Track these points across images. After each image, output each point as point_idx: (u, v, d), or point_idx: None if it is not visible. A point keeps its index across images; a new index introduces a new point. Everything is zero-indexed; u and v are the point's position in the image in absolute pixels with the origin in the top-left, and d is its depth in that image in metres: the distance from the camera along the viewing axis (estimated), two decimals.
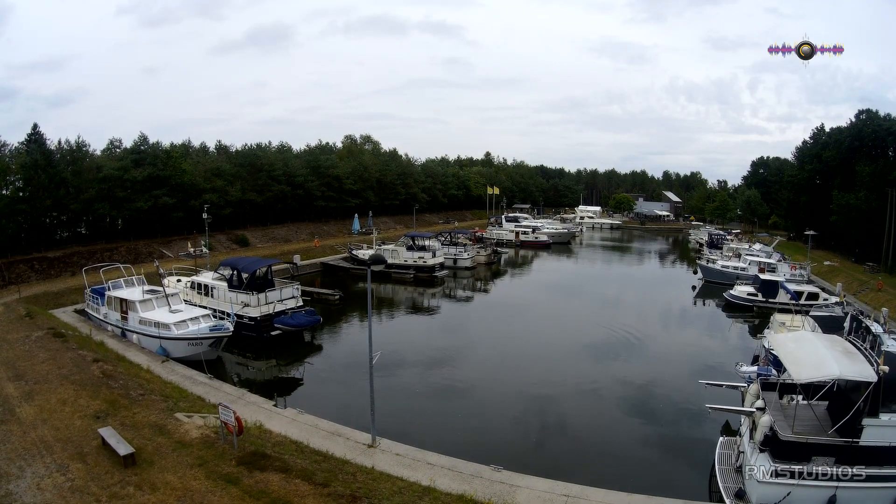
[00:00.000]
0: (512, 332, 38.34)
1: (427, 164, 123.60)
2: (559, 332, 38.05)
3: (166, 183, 56.51)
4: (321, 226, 78.19)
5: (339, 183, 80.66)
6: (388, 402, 24.15)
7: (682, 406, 24.54)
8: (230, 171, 65.77)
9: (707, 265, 57.11)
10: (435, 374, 29.89)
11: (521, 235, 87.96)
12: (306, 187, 74.47)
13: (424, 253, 56.42)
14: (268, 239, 66.82)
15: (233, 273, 34.90)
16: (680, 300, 51.19)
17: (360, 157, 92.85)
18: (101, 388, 20.26)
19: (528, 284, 58.66)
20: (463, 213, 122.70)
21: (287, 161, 75.17)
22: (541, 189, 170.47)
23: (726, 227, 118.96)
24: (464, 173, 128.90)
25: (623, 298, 51.17)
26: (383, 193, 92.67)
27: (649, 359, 31.98)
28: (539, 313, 44.23)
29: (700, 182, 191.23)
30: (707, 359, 31.91)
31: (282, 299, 34.15)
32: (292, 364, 30.70)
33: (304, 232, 73.21)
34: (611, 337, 36.29)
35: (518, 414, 24.15)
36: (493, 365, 31.59)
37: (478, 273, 61.70)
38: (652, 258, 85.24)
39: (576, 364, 31.25)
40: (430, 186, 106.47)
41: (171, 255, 53.68)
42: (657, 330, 38.92)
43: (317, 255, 62.25)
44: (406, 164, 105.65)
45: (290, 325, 32.77)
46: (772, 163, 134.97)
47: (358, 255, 59.48)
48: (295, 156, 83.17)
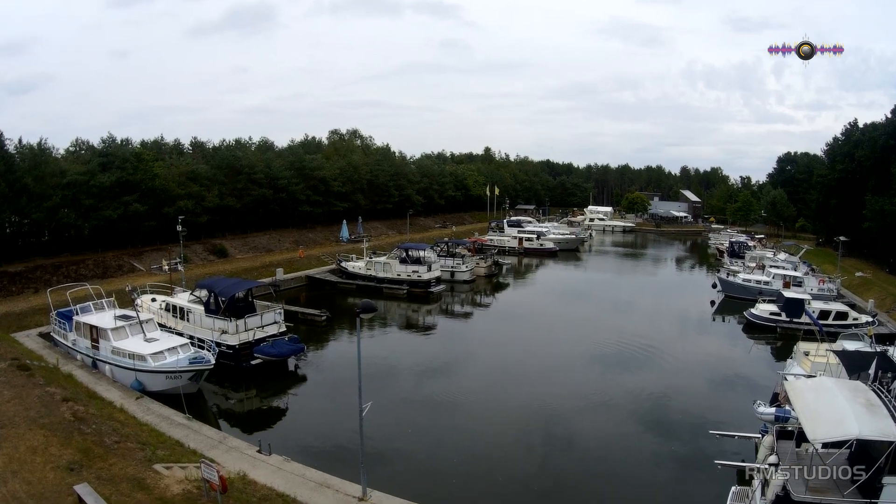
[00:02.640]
0: (514, 349, 39.21)
1: (422, 161, 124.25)
2: (565, 350, 38.77)
3: (137, 188, 57.01)
4: (306, 233, 78.77)
5: (326, 185, 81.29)
6: (381, 434, 24.76)
7: (694, 442, 25.22)
8: (207, 175, 66.27)
9: (727, 278, 57.82)
10: (430, 394, 30.70)
11: (525, 242, 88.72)
12: (290, 191, 75.05)
13: (419, 266, 57.09)
14: (248, 249, 67.41)
15: (210, 296, 35.41)
16: (697, 316, 52.03)
17: (349, 157, 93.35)
18: (73, 434, 20.83)
19: (532, 298, 59.43)
20: (461, 215, 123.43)
21: (269, 162, 75.71)
22: (547, 187, 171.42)
23: (749, 229, 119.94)
24: (462, 171, 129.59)
25: (635, 313, 51.93)
26: (375, 196, 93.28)
27: (661, 384, 32.66)
28: (543, 330, 44.97)
29: (721, 179, 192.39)
30: (723, 390, 32.58)
31: (262, 325, 34.71)
32: (275, 396, 31.27)
33: (287, 240, 73.82)
34: (621, 357, 37.05)
35: (521, 432, 24.97)
36: (495, 382, 32.48)
37: (477, 286, 62.39)
38: (668, 266, 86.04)
39: (583, 382, 31.97)
40: (425, 187, 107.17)
41: (142, 268, 54.21)
42: (671, 350, 39.67)
43: (301, 266, 62.84)
44: (399, 164, 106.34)
45: (272, 354, 33.33)
46: (800, 159, 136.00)
47: (348, 268, 60.10)
48: (277, 154, 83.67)
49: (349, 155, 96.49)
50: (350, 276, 59.68)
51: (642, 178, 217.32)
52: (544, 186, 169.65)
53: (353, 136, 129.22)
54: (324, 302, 51.23)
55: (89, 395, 26.24)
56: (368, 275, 58.41)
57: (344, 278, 59.79)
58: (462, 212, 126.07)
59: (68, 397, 24.49)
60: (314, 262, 65.33)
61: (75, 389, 26.44)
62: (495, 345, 41.12)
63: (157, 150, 74.55)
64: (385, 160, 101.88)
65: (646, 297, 60.25)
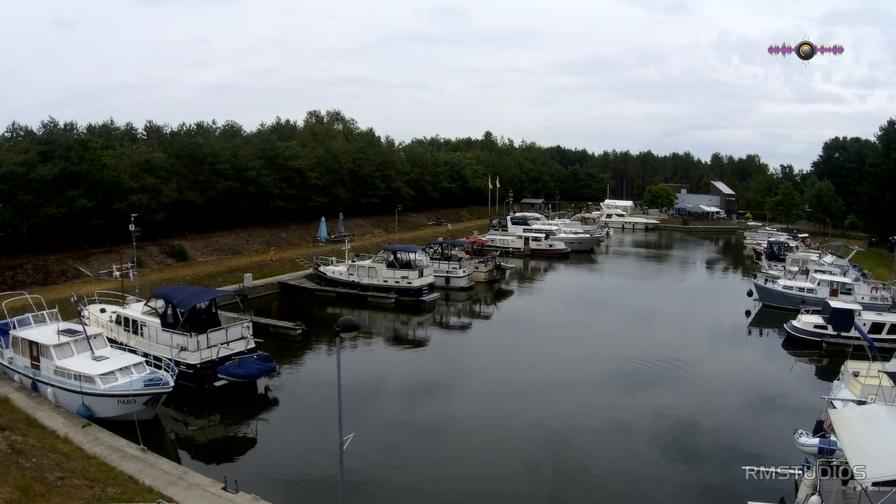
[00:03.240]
0: (519, 366, 39.46)
1: (412, 148, 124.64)
2: (577, 367, 38.95)
3: (83, 181, 57.00)
4: (279, 232, 78.90)
5: (302, 177, 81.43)
6: (365, 467, 24.89)
7: (725, 476, 25.37)
8: (164, 165, 66.30)
9: (765, 285, 58.13)
10: (422, 419, 30.88)
11: (532, 242, 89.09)
12: (260, 183, 75.20)
13: (409, 271, 57.24)
14: (211, 250, 67.51)
15: (167, 307, 35.44)
16: (730, 328, 52.33)
17: (329, 143, 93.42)
18: (11, 469, 20.91)
19: (539, 307, 59.77)
20: (458, 211, 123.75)
21: (235, 149, 75.82)
22: (557, 178, 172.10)
23: (791, 226, 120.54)
24: (458, 160, 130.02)
25: (659, 325, 52.23)
26: (358, 189, 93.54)
27: (687, 407, 32.88)
28: (552, 344, 45.20)
29: (758, 168, 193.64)
30: (759, 416, 32.77)
31: (228, 341, 34.76)
32: (243, 424, 31.37)
33: (257, 240, 73.92)
34: (641, 375, 37.24)
35: (526, 462, 25.17)
36: (496, 404, 32.77)
37: (477, 294, 62.60)
38: (696, 270, 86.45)
39: (597, 404, 32.15)
40: (416, 178, 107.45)
41: (90, 274, 54.21)
42: (700, 367, 39.92)
43: (273, 271, 62.98)
44: (386, 151, 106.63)
45: (238, 375, 33.41)
46: (850, 145, 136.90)
47: (327, 273, 60.23)
48: (245, 141, 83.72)
49: (329, 141, 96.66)
50: (329, 282, 59.73)
51: (667, 168, 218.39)
52: (554, 177, 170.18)
53: (333, 119, 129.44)
54: (299, 313, 51.30)
55: (28, 422, 26.28)
56: (351, 281, 58.52)
57: (322, 285, 59.78)
58: (459, 207, 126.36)
59: (4, 426, 24.54)
60: (288, 267, 65.44)
61: (12, 416, 26.48)
62: (497, 361, 41.27)
63: (107, 137, 74.50)
64: (370, 147, 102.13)
65: (671, 306, 60.57)
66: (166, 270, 58.82)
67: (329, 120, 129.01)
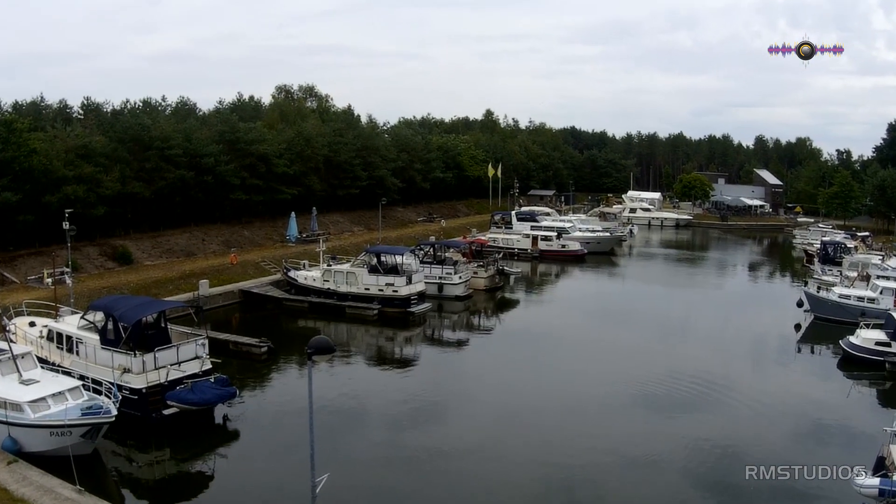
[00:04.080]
0: (525, 389, 39.63)
1: (399, 130, 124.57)
2: (594, 390, 39.06)
3: (7, 170, 56.82)
4: (241, 230, 78.94)
5: (268, 165, 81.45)
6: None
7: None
8: (104, 150, 66.19)
9: (817, 294, 58.29)
10: (411, 452, 31.04)
11: (542, 242, 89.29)
12: (218, 172, 75.15)
13: (395, 277, 57.23)
14: (161, 252, 67.52)
15: (108, 320, 35.40)
16: (776, 344, 52.60)
17: (300, 125, 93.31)
18: None
19: (550, 319, 59.98)
20: (454, 205, 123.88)
21: (189, 132, 75.84)
22: (571, 165, 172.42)
23: (849, 223, 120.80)
24: (454, 144, 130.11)
25: (692, 340, 52.55)
26: (335, 179, 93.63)
27: (725, 436, 32.94)
28: (565, 362, 45.37)
29: (810, 153, 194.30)
30: (810, 449, 32.86)
31: (179, 361, 34.72)
32: (196, 459, 31.44)
33: (214, 240, 73.96)
34: (671, 399, 37.45)
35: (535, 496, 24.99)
36: (498, 433, 32.96)
37: (475, 304, 62.78)
38: (737, 275, 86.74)
39: (618, 433, 32.23)
40: (404, 166, 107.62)
41: (16, 280, 54.14)
42: (740, 390, 40.11)
43: (234, 277, 62.99)
44: (369, 134, 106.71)
45: (192, 402, 33.31)
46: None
47: (297, 280, 60.28)
48: (201, 122, 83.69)
49: (300, 122, 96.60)
50: (301, 290, 59.76)
51: (702, 153, 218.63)
52: (567, 164, 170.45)
53: (305, 95, 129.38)
54: (265, 327, 51.29)
55: None
56: (326, 289, 58.57)
57: (293, 293, 59.86)
58: (454, 200, 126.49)
59: None
60: (252, 272, 65.45)
61: None
62: (499, 384, 41.35)
63: (35, 116, 74.32)
64: (349, 129, 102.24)
65: (706, 318, 60.88)
66: (107, 276, 58.72)
67: (301, 96, 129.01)
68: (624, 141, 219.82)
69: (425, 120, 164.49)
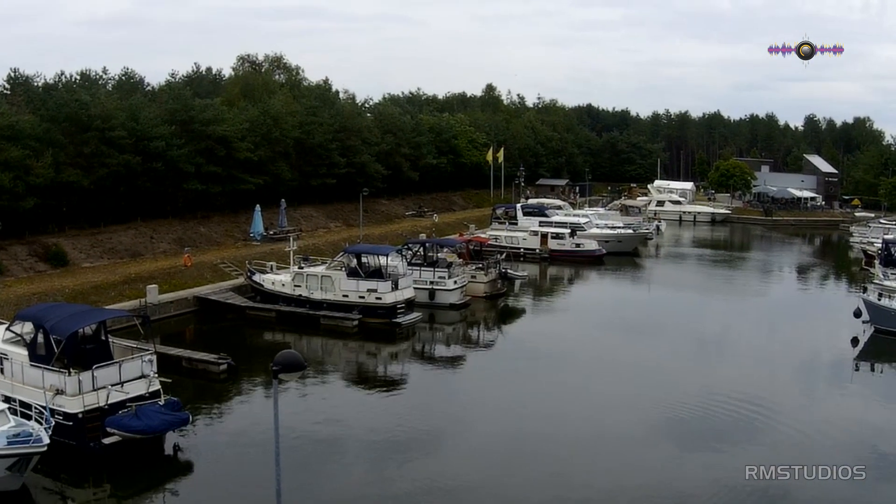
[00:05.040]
0: (532, 414, 39.32)
1: (384, 108, 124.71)
2: (615, 416, 38.83)
3: None
4: (196, 226, 78.86)
5: (229, 149, 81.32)
6: None
7: None
8: (34, 132, 65.94)
9: (879, 302, 58.24)
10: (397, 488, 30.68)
11: (552, 241, 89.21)
12: (170, 158, 75.09)
13: (379, 282, 57.10)
14: (102, 252, 67.39)
15: (37, 333, 35.19)
16: (830, 360, 52.43)
17: (266, 102, 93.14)
18: None
19: (561, 332, 59.86)
20: (448, 196, 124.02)
21: (135, 111, 75.65)
22: (588, 149, 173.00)
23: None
24: (448, 124, 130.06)
25: (731, 356, 52.38)
26: (307, 166, 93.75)
27: (772, 470, 32.63)
28: (580, 383, 45.19)
29: (870, 136, 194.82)
30: (873, 484, 32.63)
31: (122, 381, 34.39)
32: (142, 496, 31.14)
33: (165, 238, 73.82)
34: (707, 426, 37.27)
35: None
36: (501, 466, 32.61)
37: (473, 314, 62.80)
38: (783, 279, 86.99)
39: (644, 467, 32.16)
40: (389, 150, 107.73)
41: None
42: (790, 415, 39.89)
43: (188, 281, 62.83)
44: (348, 113, 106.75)
45: (137, 429, 32.92)
46: None
47: (263, 285, 60.16)
48: (150, 99, 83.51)
49: (266, 99, 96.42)
50: (267, 296, 59.66)
51: (742, 136, 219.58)
52: (583, 148, 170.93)
53: (272, 66, 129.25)
54: (224, 340, 51.16)
55: None
56: (297, 296, 58.47)
57: (258, 301, 59.83)
58: (449, 190, 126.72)
59: None
60: (209, 275, 65.35)
61: None
62: (502, 408, 41.09)
63: None
64: (324, 106, 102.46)
65: (747, 330, 60.81)
66: (38, 280, 58.55)
67: (267, 68, 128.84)
68: (650, 121, 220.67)
69: (415, 96, 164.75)
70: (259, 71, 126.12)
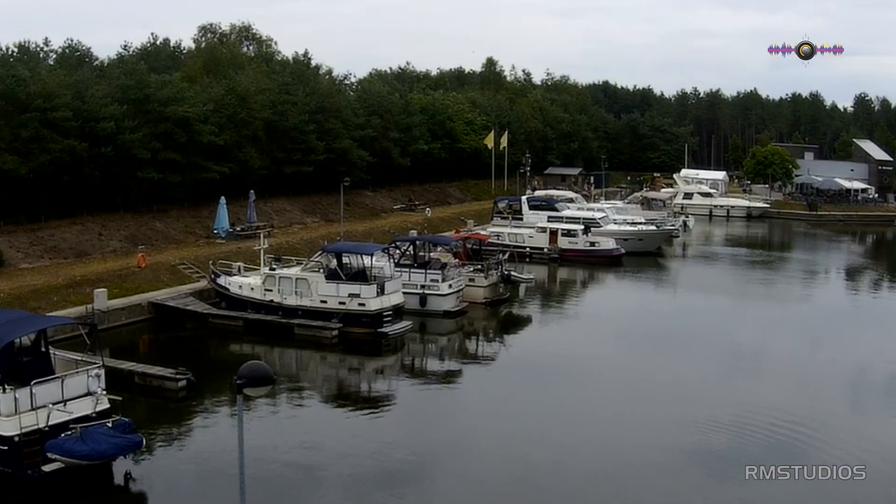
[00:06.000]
0: (539, 438, 39.25)
1: (369, 85, 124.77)
2: (636, 439, 38.82)
3: None
4: (152, 221, 78.84)
5: (190, 132, 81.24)
6: None
7: None
8: None
9: None
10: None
11: (563, 239, 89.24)
12: (121, 142, 74.96)
13: (362, 286, 57.02)
14: (42, 251, 67.38)
15: None
16: (885, 377, 52.43)
17: (233, 78, 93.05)
18: None
19: (573, 343, 59.71)
20: (443, 187, 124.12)
21: (81, 88, 75.54)
22: (604, 134, 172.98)
23: None
24: (443, 103, 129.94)
25: (770, 371, 52.30)
26: (280, 152, 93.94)
27: None
28: (595, 401, 45.28)
29: None
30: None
31: (66, 399, 34.26)
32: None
33: (116, 235, 73.79)
34: (743, 449, 36.83)
35: None
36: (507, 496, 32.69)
37: (471, 323, 62.98)
38: (829, 284, 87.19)
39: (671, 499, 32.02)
40: (375, 134, 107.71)
41: None
42: (838, 438, 39.84)
43: (143, 284, 62.69)
44: (327, 90, 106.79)
45: (82, 454, 32.70)
46: None
47: (229, 289, 60.21)
48: (98, 74, 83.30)
49: (233, 74, 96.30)
50: (234, 302, 59.68)
51: (783, 118, 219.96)
52: (599, 132, 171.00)
53: (240, 37, 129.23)
54: (184, 353, 51.40)
55: None
56: (268, 301, 58.43)
57: (223, 307, 59.87)
58: (444, 181, 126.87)
59: None
60: (166, 277, 65.24)
61: None
62: (504, 433, 40.91)
63: None
64: (300, 83, 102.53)
65: (788, 342, 60.76)
66: None
67: (234, 40, 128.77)
68: (676, 101, 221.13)
69: (404, 72, 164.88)
70: (224, 43, 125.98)
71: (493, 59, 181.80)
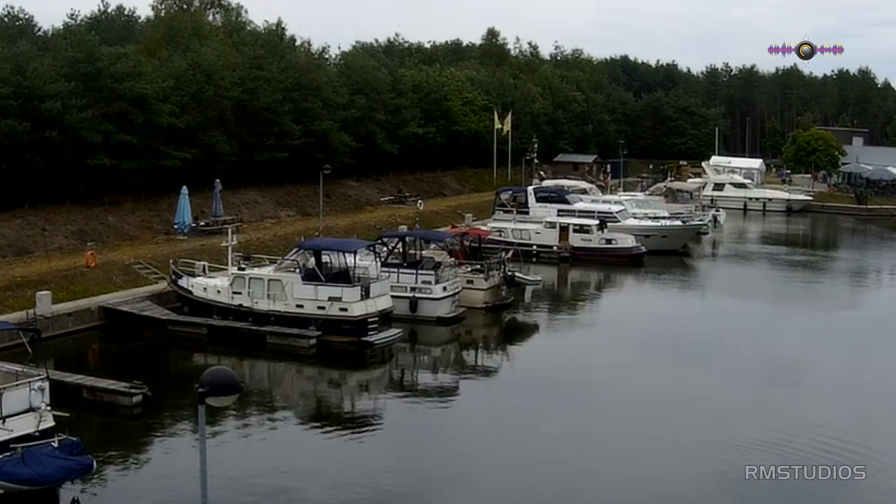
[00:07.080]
0: (549, 464, 39.16)
1: (353, 59, 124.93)
2: (660, 464, 38.78)
3: None
4: (103, 215, 78.98)
5: (147, 112, 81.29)
6: None
7: None
8: None
9: None
10: None
11: (575, 236, 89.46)
12: (68, 123, 75.07)
13: (345, 288, 57.15)
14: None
15: None
16: None
17: (197, 50, 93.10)
18: None
19: (587, 355, 59.84)
20: (438, 177, 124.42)
21: (22, 62, 75.61)
22: (623, 116, 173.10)
23: None
24: (438, 81, 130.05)
25: (812, 385, 52.72)
26: (251, 136, 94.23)
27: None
28: (612, 419, 45.22)
29: None
30: None
31: (4, 416, 34.36)
32: None
33: (62, 230, 73.94)
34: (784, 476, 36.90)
35: None
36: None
37: (469, 331, 63.23)
38: (881, 287, 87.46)
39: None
40: (360, 116, 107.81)
41: None
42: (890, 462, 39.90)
43: (92, 286, 62.82)
44: (305, 65, 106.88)
45: (23, 478, 32.91)
46: None
47: (192, 291, 60.28)
48: (41, 46, 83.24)
49: (197, 46, 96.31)
50: (198, 307, 59.77)
51: (828, 98, 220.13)
52: (616, 114, 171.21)
53: (204, 4, 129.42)
54: (140, 364, 51.45)
55: None
56: (236, 306, 58.60)
57: (185, 312, 59.92)
58: (438, 169, 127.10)
59: None
60: (120, 278, 65.45)
61: None
62: (507, 457, 40.90)
63: None
64: (274, 57, 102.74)
65: (833, 352, 60.91)
66: None
67: (198, 7, 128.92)
68: (705, 79, 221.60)
69: (393, 45, 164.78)
70: (187, 11, 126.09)
71: (495, 31, 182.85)
